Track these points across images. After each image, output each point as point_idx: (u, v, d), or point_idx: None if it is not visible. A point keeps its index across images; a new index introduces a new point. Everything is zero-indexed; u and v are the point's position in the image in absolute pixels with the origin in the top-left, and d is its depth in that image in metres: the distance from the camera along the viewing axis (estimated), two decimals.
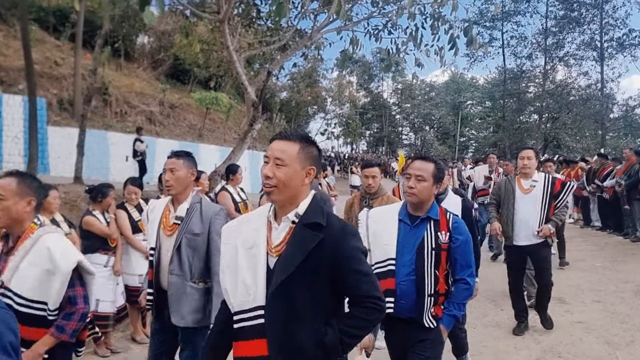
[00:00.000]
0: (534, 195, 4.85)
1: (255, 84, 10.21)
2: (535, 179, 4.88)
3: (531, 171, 4.90)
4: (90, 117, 13.25)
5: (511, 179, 5.11)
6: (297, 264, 1.78)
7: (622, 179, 10.36)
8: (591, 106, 29.89)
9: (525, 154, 4.98)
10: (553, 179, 4.93)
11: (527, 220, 4.83)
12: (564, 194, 4.86)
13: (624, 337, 5.05)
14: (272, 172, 1.86)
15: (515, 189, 4.96)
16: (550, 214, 4.84)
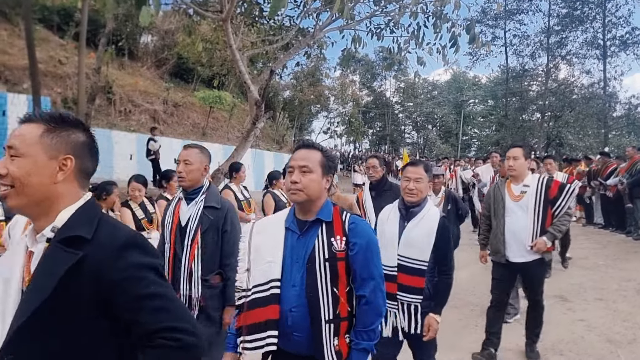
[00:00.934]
0: (526, 203, 4.17)
1: (258, 83, 10.24)
2: (527, 183, 4.20)
3: (519, 173, 4.23)
4: (94, 115, 13.32)
5: (500, 184, 4.44)
6: (42, 300, 1.26)
7: (624, 177, 10.38)
8: (594, 105, 29.83)
9: (511, 153, 4.31)
10: (548, 181, 4.20)
11: (518, 233, 4.17)
12: (563, 199, 4.13)
13: (626, 335, 5.08)
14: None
15: (504, 197, 4.29)
16: (547, 224, 4.13)
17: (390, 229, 3.23)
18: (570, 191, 4.14)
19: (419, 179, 3.18)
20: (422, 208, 3.19)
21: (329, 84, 35.72)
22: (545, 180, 4.20)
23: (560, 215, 4.15)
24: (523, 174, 4.24)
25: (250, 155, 17.27)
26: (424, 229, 3.12)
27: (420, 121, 53.67)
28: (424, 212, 3.18)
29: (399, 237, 3.15)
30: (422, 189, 3.18)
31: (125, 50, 18.93)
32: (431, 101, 51.10)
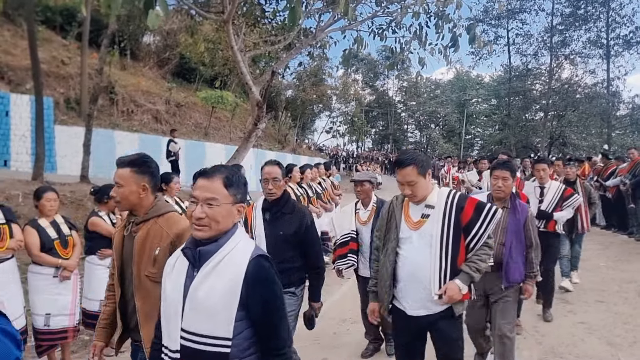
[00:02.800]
0: (429, 230, 2.86)
1: (260, 84, 10.24)
2: (431, 203, 2.89)
3: (417, 190, 2.85)
4: (97, 116, 13.35)
5: (396, 203, 3.06)
6: None
7: (627, 177, 10.35)
8: (597, 104, 29.79)
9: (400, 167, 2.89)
10: (460, 200, 2.91)
11: (417, 274, 2.87)
12: (482, 224, 2.87)
13: (627, 337, 5.07)
14: None
15: (399, 223, 2.98)
16: (460, 261, 2.86)
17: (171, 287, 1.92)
18: (492, 213, 2.87)
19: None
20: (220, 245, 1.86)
21: (331, 84, 35.75)
22: (457, 199, 2.91)
23: (477, 248, 2.90)
24: (423, 192, 2.87)
25: (252, 155, 17.27)
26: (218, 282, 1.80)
27: (423, 120, 53.70)
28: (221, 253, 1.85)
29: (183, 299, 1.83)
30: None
31: (128, 50, 18.99)
32: (434, 100, 51.10)
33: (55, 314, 4.15)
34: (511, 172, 3.75)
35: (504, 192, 3.76)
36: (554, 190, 5.50)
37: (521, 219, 3.72)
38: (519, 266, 3.71)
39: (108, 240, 4.58)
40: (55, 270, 4.15)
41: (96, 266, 4.53)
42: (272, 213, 3.51)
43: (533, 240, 3.75)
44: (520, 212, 3.74)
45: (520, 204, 3.81)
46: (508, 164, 3.89)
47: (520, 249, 3.72)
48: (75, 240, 4.36)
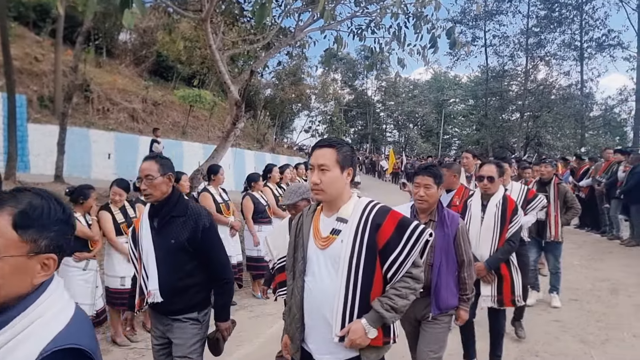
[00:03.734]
0: (336, 252, 2.22)
1: (238, 83, 10.18)
2: (344, 215, 2.26)
3: (326, 183, 2.20)
4: (72, 114, 13.10)
5: (306, 213, 2.47)
6: None
7: (602, 177, 10.58)
8: (571, 105, 30.36)
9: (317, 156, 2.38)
10: (379, 212, 2.25)
11: (321, 308, 2.25)
12: (405, 245, 2.21)
13: (599, 335, 5.18)
14: None
15: (306, 239, 2.35)
16: (373, 294, 2.22)
17: None
18: (417, 233, 2.22)
19: None
20: None
21: (310, 83, 35.74)
22: (375, 212, 2.25)
23: (398, 277, 2.23)
24: (337, 190, 2.24)
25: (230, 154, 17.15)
26: None
27: (402, 120, 54.06)
28: None
29: None
30: None
31: (104, 47, 18.67)
32: (412, 100, 51.48)
33: None
34: (435, 179, 3.15)
35: (428, 203, 3.15)
36: (515, 193, 5.07)
37: (450, 233, 3.13)
38: (452, 289, 3.13)
39: (84, 241, 4.52)
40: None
41: (71, 268, 4.45)
42: (161, 218, 2.84)
43: (465, 257, 3.15)
44: (450, 224, 3.14)
45: (450, 215, 3.21)
46: (431, 169, 3.25)
47: (452, 269, 3.13)
48: None
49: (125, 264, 4.69)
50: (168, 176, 2.84)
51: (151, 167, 2.80)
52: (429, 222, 3.17)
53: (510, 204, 4.05)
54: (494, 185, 4.08)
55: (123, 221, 4.81)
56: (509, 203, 4.07)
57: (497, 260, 3.97)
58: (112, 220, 4.79)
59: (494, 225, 4.01)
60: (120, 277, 4.76)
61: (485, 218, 4.06)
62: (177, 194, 2.92)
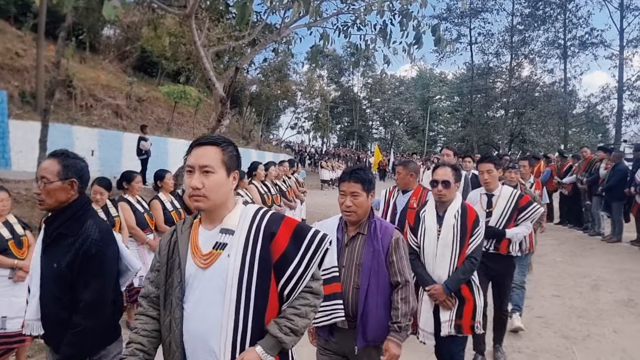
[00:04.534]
0: (222, 269, 1.84)
1: (223, 80, 10.13)
2: (229, 226, 1.90)
3: (209, 188, 1.83)
4: (54, 110, 12.91)
5: (181, 229, 2.01)
6: None
7: (583, 175, 10.72)
8: (555, 103, 30.71)
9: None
10: (271, 221, 1.92)
11: (207, 339, 1.83)
12: (303, 258, 1.89)
13: (581, 331, 5.25)
14: None
15: (184, 259, 1.92)
16: (268, 315, 1.88)
17: None
18: (317, 242, 1.90)
19: None
20: None
21: (296, 79, 35.69)
22: (267, 220, 1.92)
23: (297, 293, 1.90)
24: (222, 197, 1.89)
25: None
26: None
27: (388, 117, 54.25)
28: None
29: None
30: None
31: (87, 43, 18.41)
32: (398, 97, 51.68)
33: (12, 316, 3.99)
34: (363, 185, 2.65)
35: (356, 214, 2.66)
36: (505, 198, 4.33)
37: (382, 248, 2.63)
38: (383, 317, 2.60)
39: None
40: (10, 272, 4.01)
41: None
42: (48, 235, 2.38)
43: (399, 277, 2.61)
44: (381, 237, 2.65)
45: (382, 226, 2.71)
46: (358, 173, 2.69)
47: (383, 292, 2.62)
48: (30, 240, 4.22)
49: None
50: (70, 182, 2.35)
51: (51, 167, 2.33)
52: (357, 236, 2.70)
53: (470, 214, 3.44)
54: (450, 191, 3.46)
55: (105, 220, 4.75)
56: (469, 213, 3.45)
57: (457, 282, 3.32)
58: None
59: (453, 240, 3.36)
60: None
61: (442, 232, 3.39)
62: (77, 206, 2.37)
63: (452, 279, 3.32)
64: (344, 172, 2.79)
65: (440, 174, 3.46)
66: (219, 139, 1.90)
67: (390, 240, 2.66)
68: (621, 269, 7.81)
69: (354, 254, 2.68)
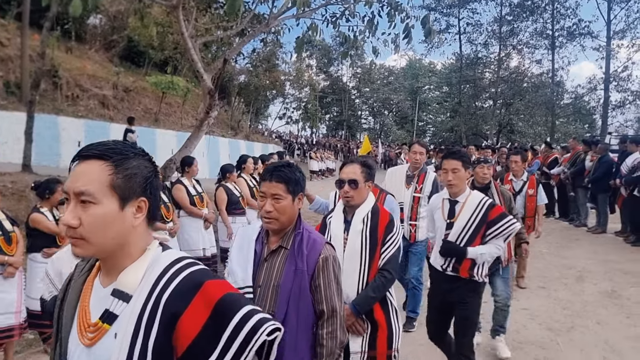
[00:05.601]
0: (103, 356, 1.18)
1: (211, 71, 10.03)
2: (124, 287, 1.22)
3: (88, 244, 1.19)
4: (40, 100, 12.74)
5: (76, 279, 1.37)
6: None
7: (567, 166, 10.86)
8: (542, 93, 30.92)
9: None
10: (185, 288, 1.19)
11: None
12: (230, 351, 1.19)
13: (565, 323, 5.34)
14: None
15: (68, 325, 1.29)
16: None
17: None
18: (253, 324, 1.22)
19: None
20: None
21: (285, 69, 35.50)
22: (179, 281, 1.22)
23: None
24: (123, 246, 1.25)
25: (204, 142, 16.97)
26: None
27: (377, 107, 54.24)
28: None
29: None
30: None
31: (72, 32, 18.13)
32: (387, 87, 51.61)
33: (2, 312, 4.01)
34: (288, 185, 2.14)
35: (279, 221, 2.14)
36: (471, 207, 3.43)
37: (306, 267, 2.10)
38: (303, 353, 2.08)
39: (51, 237, 4.43)
40: (0, 268, 4.01)
41: (39, 264, 4.37)
42: None
43: (326, 305, 2.09)
44: (307, 254, 2.12)
45: (311, 240, 2.16)
46: (282, 170, 2.16)
47: (305, 323, 2.09)
48: (18, 236, 4.21)
49: None
50: None
51: None
52: (279, 250, 2.17)
53: (382, 218, 2.87)
54: (359, 192, 2.88)
55: None
56: (381, 216, 2.88)
57: (367, 301, 2.75)
58: None
59: (361, 250, 2.79)
60: None
61: (349, 240, 2.82)
62: None
63: (361, 297, 2.74)
64: (265, 169, 2.23)
65: (347, 172, 2.92)
66: (113, 149, 1.23)
67: (318, 259, 2.11)
68: (606, 260, 7.95)
69: (273, 272, 2.13)
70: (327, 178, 24.68)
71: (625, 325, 5.32)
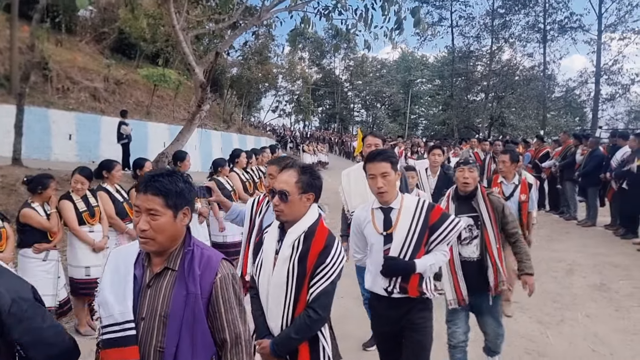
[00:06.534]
0: None
1: (203, 64, 10.00)
2: None
3: None
4: (30, 93, 12.63)
5: None
6: None
7: (557, 160, 10.95)
8: (534, 87, 31.04)
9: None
10: None
11: None
12: None
13: (555, 316, 5.40)
14: None
15: None
16: None
17: None
18: None
19: None
20: None
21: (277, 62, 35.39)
22: None
23: None
24: None
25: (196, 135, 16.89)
26: None
27: (369, 100, 54.21)
28: None
29: None
30: None
31: (62, 23, 17.94)
32: (380, 80, 51.60)
33: None
34: (166, 199, 1.76)
35: (156, 241, 1.77)
36: (409, 212, 2.87)
37: (200, 291, 1.77)
38: None
39: (42, 233, 4.41)
40: None
41: (30, 259, 4.36)
42: None
43: (229, 332, 1.81)
44: (200, 275, 1.79)
45: (204, 258, 1.84)
46: (158, 181, 1.78)
47: (203, 356, 1.79)
48: (8, 232, 4.18)
49: (90, 253, 4.66)
50: None
51: None
52: (165, 273, 1.81)
53: (316, 243, 2.32)
54: (291, 207, 2.35)
55: (85, 210, 4.71)
56: (315, 240, 2.33)
57: (289, 342, 2.30)
58: (73, 209, 4.67)
59: (287, 281, 2.29)
60: (85, 267, 4.68)
61: (277, 266, 2.33)
62: None
63: (282, 337, 2.29)
64: (141, 179, 1.85)
65: (279, 181, 2.39)
66: None
67: (214, 280, 1.79)
68: (595, 253, 8.03)
69: (159, 300, 1.77)
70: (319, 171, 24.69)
71: (614, 318, 5.38)
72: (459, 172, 3.61)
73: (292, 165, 2.48)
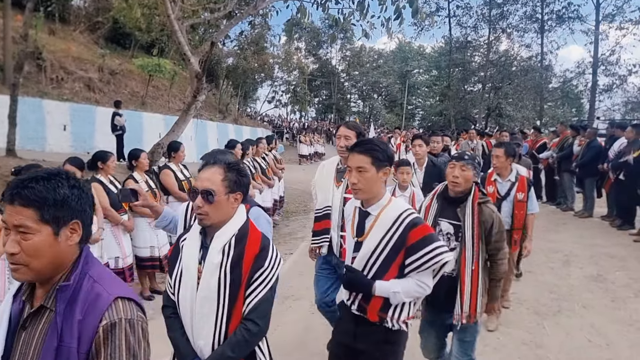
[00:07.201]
0: None
1: (199, 54, 9.91)
2: None
3: None
4: (24, 83, 12.51)
5: None
6: None
7: (555, 151, 10.94)
8: (531, 77, 30.93)
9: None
10: None
11: None
12: None
13: (552, 307, 5.40)
14: None
15: None
16: None
17: None
18: None
19: None
20: None
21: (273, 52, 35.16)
22: None
23: None
24: None
25: (192, 126, 16.81)
26: None
27: (366, 90, 54.11)
28: None
29: None
30: None
31: (56, 13, 17.76)
32: (376, 70, 51.44)
33: None
34: (40, 211, 1.33)
35: (29, 268, 1.33)
36: (386, 222, 2.41)
37: (76, 343, 1.31)
38: None
39: None
40: None
41: None
42: None
43: None
44: (80, 321, 1.32)
45: (92, 295, 1.36)
46: (29, 188, 1.33)
47: None
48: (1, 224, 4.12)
49: None
50: None
51: None
52: (41, 312, 1.37)
53: (251, 245, 2.06)
54: (216, 208, 2.04)
55: None
56: (249, 243, 2.06)
57: None
58: None
59: (219, 291, 2.00)
60: None
61: (204, 275, 2.03)
62: None
63: (216, 356, 2.00)
64: (7, 188, 1.36)
65: (203, 179, 2.07)
66: None
67: (97, 327, 1.32)
68: (592, 244, 8.03)
69: (30, 349, 1.34)
70: (316, 162, 24.65)
71: (611, 308, 5.39)
72: (450, 168, 3.11)
73: (217, 161, 2.15)
